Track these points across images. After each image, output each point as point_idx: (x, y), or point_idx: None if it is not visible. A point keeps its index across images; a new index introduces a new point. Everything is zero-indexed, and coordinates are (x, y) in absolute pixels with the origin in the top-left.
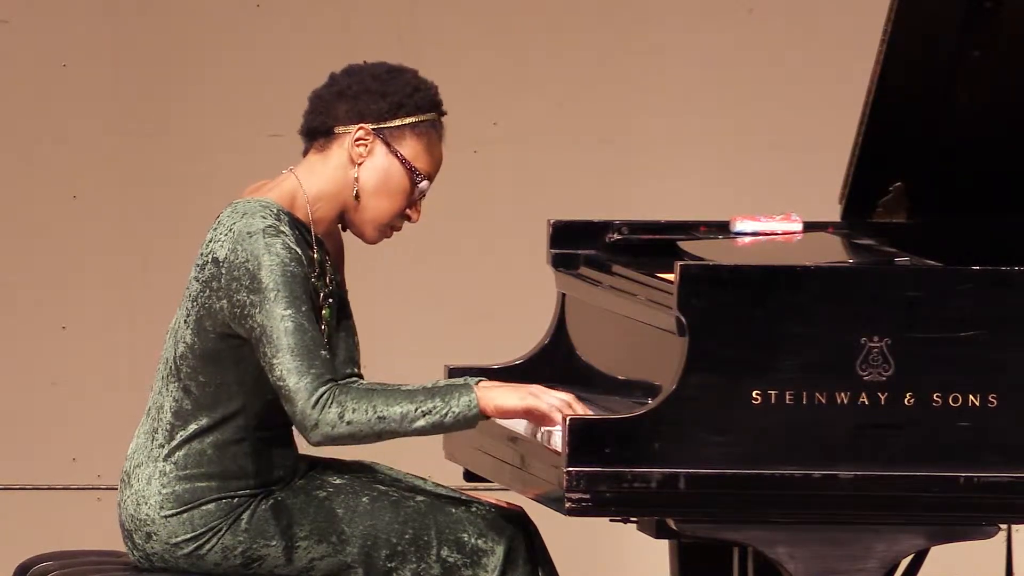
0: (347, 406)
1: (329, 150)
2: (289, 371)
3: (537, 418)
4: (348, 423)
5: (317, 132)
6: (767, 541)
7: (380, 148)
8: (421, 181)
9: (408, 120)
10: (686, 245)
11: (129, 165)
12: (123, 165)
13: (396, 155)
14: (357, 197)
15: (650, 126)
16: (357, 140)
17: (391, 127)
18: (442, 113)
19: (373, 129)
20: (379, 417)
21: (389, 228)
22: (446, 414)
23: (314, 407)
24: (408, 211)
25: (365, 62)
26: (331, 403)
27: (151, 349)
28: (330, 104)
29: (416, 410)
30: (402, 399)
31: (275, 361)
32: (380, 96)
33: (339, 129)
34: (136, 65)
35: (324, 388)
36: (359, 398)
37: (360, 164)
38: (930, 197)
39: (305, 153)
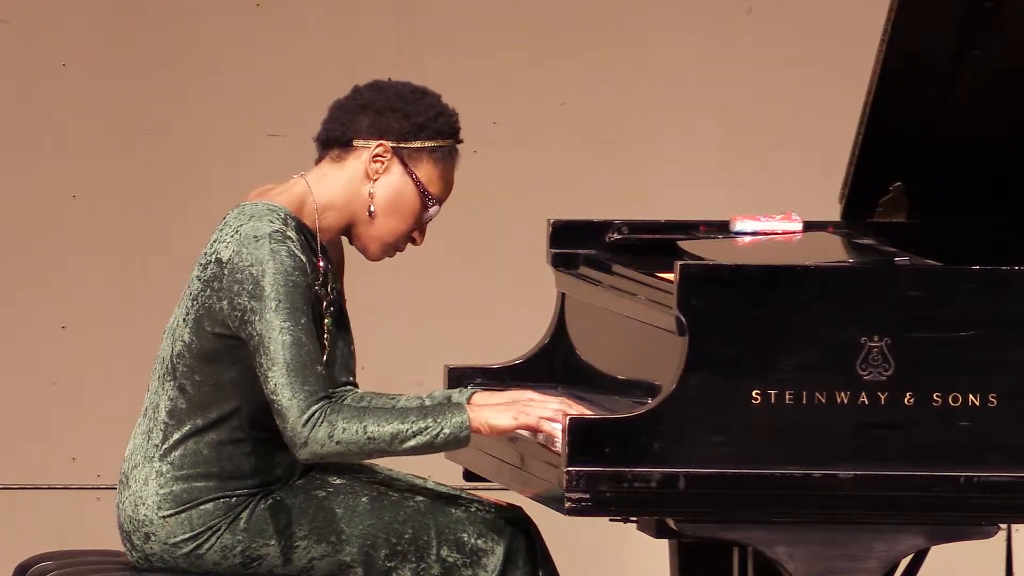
0: (337, 425)
1: (345, 161)
2: (282, 386)
3: (531, 430)
4: (337, 443)
5: (335, 142)
6: (767, 541)
7: (397, 167)
8: (432, 205)
9: (428, 144)
10: (686, 245)
11: (129, 165)
12: (123, 165)
13: (411, 176)
14: (371, 213)
15: (650, 126)
16: (375, 156)
17: (411, 148)
18: (459, 141)
19: (392, 147)
20: (369, 438)
21: (393, 248)
22: (437, 435)
23: (304, 425)
24: (414, 234)
25: (390, 79)
26: (322, 422)
27: (151, 349)
28: (352, 116)
29: (407, 431)
30: (393, 419)
31: (270, 374)
32: (404, 116)
33: (358, 142)
34: (136, 65)
35: (316, 406)
36: (350, 418)
37: (375, 180)
38: (930, 197)
39: (318, 161)
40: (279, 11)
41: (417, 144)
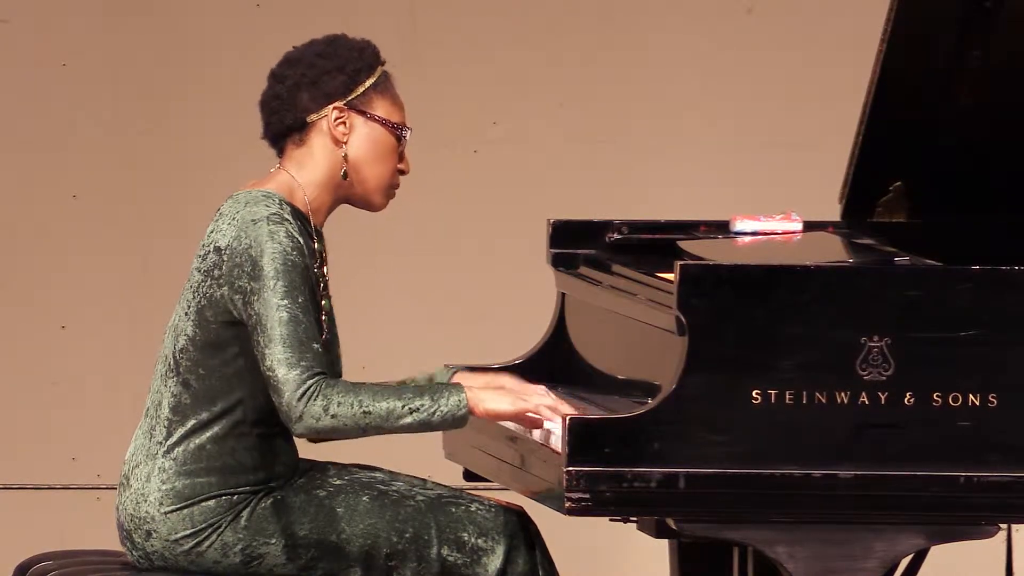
0: (332, 399)
1: (308, 141)
2: (279, 361)
3: (528, 421)
4: (333, 416)
5: (290, 130)
6: (767, 541)
7: (358, 119)
8: (404, 132)
9: (368, 82)
10: (686, 245)
11: (129, 165)
12: (123, 165)
13: (375, 119)
14: (346, 175)
15: (650, 126)
16: (336, 120)
17: (358, 95)
18: (384, 62)
19: (345, 104)
20: (364, 412)
21: (392, 189)
22: (434, 412)
23: (300, 399)
24: (400, 165)
25: (295, 47)
26: (317, 396)
27: (151, 349)
28: (291, 99)
29: (403, 407)
30: (390, 395)
31: (267, 351)
32: (337, 71)
33: (312, 117)
34: (136, 65)
35: (312, 381)
36: (346, 392)
37: (346, 142)
38: (930, 197)
39: (280, 154)
40: (279, 11)
41: (361, 89)
